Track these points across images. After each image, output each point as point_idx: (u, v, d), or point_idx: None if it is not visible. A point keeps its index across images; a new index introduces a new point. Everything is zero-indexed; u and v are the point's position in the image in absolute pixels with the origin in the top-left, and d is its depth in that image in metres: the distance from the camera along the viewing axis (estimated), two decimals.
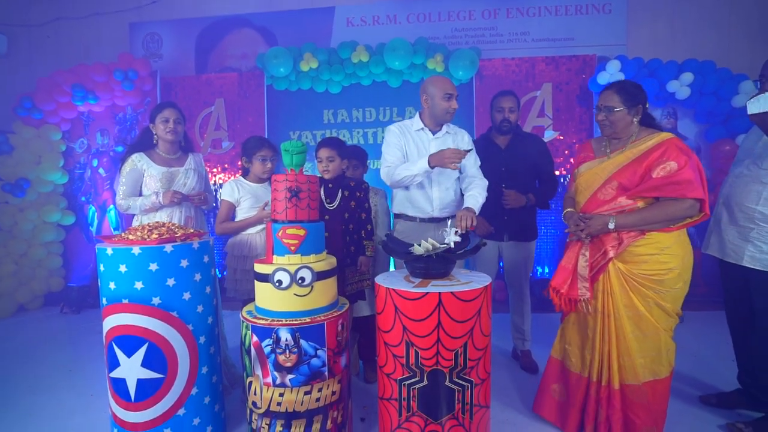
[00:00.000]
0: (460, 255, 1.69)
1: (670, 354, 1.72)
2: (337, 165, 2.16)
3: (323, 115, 4.12)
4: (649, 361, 1.68)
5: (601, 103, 1.74)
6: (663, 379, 1.70)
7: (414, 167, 2.01)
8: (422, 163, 1.99)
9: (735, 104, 3.39)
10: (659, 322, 1.67)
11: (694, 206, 1.61)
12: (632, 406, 1.69)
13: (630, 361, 1.68)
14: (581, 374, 1.79)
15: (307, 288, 1.65)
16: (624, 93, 1.69)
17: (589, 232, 1.71)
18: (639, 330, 1.68)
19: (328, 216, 2.11)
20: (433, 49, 3.86)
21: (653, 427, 1.69)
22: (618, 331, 1.69)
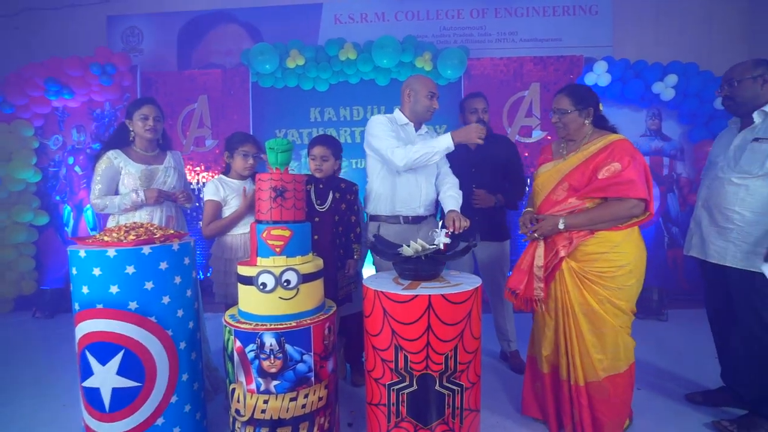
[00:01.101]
0: (451, 256, 1.66)
1: (628, 351, 1.74)
2: (331, 165, 2.11)
3: (310, 113, 4.06)
4: (608, 357, 1.70)
5: (554, 105, 1.81)
6: (623, 372, 1.73)
7: (436, 144, 1.93)
8: (445, 140, 1.93)
9: (717, 106, 3.45)
10: (614, 320, 1.69)
11: (638, 206, 1.65)
12: (596, 403, 1.71)
13: (588, 359, 1.70)
14: (550, 373, 1.82)
15: (293, 291, 1.59)
16: (575, 96, 1.75)
17: (542, 232, 1.74)
18: (595, 327, 1.70)
19: (318, 218, 2.06)
20: (421, 48, 3.83)
21: (616, 420, 1.72)
22: (576, 328, 1.71)
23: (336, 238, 2.09)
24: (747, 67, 1.79)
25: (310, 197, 2.08)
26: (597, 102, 1.79)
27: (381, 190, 2.13)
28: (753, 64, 1.79)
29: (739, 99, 1.81)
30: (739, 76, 1.79)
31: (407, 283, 1.63)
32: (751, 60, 1.81)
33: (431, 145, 1.94)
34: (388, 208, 2.12)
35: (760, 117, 1.79)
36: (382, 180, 2.12)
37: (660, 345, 2.88)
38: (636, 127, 3.76)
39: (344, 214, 2.12)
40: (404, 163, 1.96)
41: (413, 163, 1.96)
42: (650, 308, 3.48)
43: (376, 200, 2.15)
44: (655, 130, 3.76)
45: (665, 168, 3.77)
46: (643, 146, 3.76)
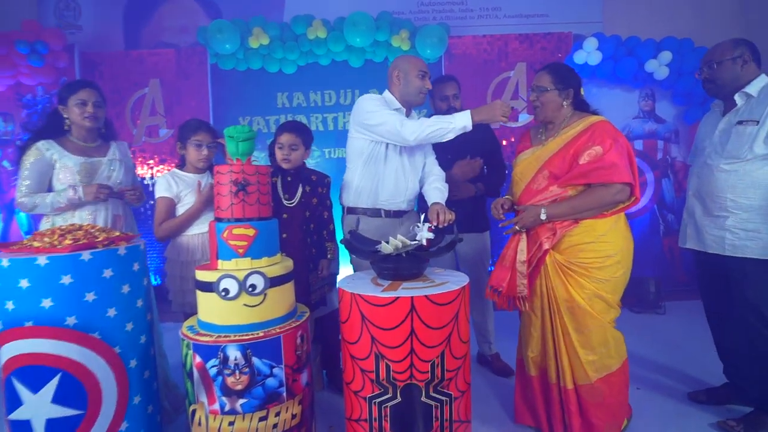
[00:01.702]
0: (434, 252, 1.62)
1: (619, 346, 1.76)
2: (300, 155, 2.04)
3: (277, 99, 3.95)
4: (598, 356, 1.71)
5: (534, 83, 1.82)
6: (616, 371, 1.74)
7: (453, 120, 1.86)
8: (464, 117, 1.85)
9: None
10: (601, 315, 1.70)
11: (624, 191, 1.66)
12: (589, 407, 1.71)
13: (577, 360, 1.70)
14: (538, 376, 1.81)
15: (260, 297, 1.53)
16: (556, 74, 1.77)
17: (523, 224, 1.74)
18: (580, 325, 1.70)
19: (287, 214, 1.99)
20: (397, 25, 3.76)
21: (613, 422, 1.74)
22: (562, 327, 1.72)
23: (307, 236, 2.03)
24: (726, 48, 1.83)
25: (277, 191, 2.00)
26: (579, 84, 1.80)
27: (363, 181, 2.07)
28: (732, 45, 1.83)
29: (719, 81, 1.86)
30: (719, 57, 1.84)
31: (387, 283, 1.59)
32: (729, 40, 1.85)
33: (447, 121, 1.88)
34: (370, 201, 2.08)
35: (742, 99, 1.83)
36: (365, 170, 2.06)
37: (659, 340, 2.92)
38: (628, 108, 3.81)
39: (316, 209, 2.06)
40: (415, 137, 1.89)
41: (425, 138, 1.91)
42: (647, 301, 3.55)
43: (356, 192, 2.09)
44: (649, 112, 3.81)
45: (659, 152, 3.83)
46: (636, 129, 3.81)
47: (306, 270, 2.01)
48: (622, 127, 3.80)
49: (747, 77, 1.82)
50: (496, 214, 1.86)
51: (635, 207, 3.82)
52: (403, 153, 2.08)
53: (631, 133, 3.81)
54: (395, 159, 2.06)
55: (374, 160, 2.05)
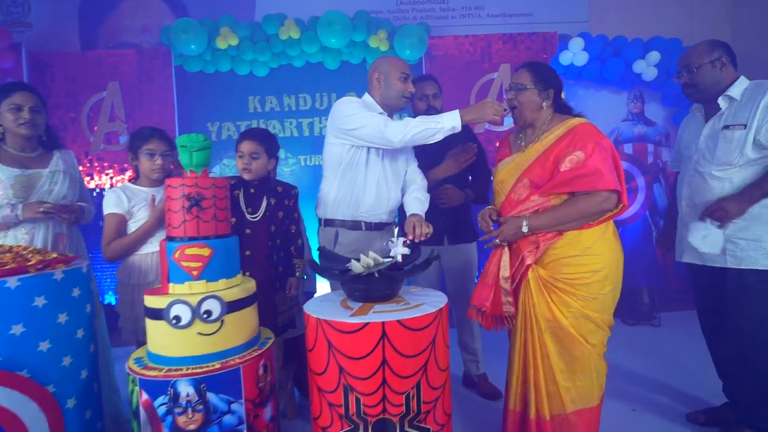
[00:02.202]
0: (409, 272, 1.55)
1: (600, 377, 1.68)
2: (262, 164, 1.96)
3: (248, 103, 3.87)
4: (579, 385, 1.63)
5: (512, 80, 1.78)
6: (594, 407, 1.67)
7: (441, 120, 1.79)
8: (452, 118, 1.78)
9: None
10: (588, 338, 1.63)
11: (610, 199, 1.60)
12: None
13: (554, 386, 1.63)
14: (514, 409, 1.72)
15: (216, 324, 1.43)
16: (536, 72, 1.72)
17: (504, 237, 1.68)
18: (564, 348, 1.63)
19: (250, 230, 1.91)
20: (375, 25, 3.72)
21: None
22: (542, 350, 1.64)
23: (273, 253, 1.95)
24: (703, 51, 1.84)
25: (240, 205, 1.91)
26: (560, 86, 1.76)
27: (342, 191, 2.00)
28: (709, 48, 1.84)
29: (701, 86, 1.87)
30: (697, 61, 1.85)
31: (357, 306, 1.51)
32: (705, 42, 1.87)
33: (435, 121, 1.81)
34: (350, 212, 2.00)
35: (725, 102, 1.84)
36: (343, 179, 1.99)
37: (654, 354, 2.89)
38: (617, 110, 3.81)
39: (282, 223, 1.98)
40: (400, 138, 1.82)
41: (411, 140, 1.84)
42: (641, 312, 3.53)
43: (334, 203, 2.02)
44: (638, 114, 3.82)
45: (650, 155, 3.84)
46: (625, 132, 3.81)
47: (272, 290, 1.92)
48: (610, 131, 3.80)
49: (727, 80, 1.83)
50: (485, 225, 1.78)
51: (626, 214, 3.86)
52: (385, 159, 2.02)
53: (621, 136, 3.81)
54: (377, 166, 2.00)
55: (354, 168, 1.98)
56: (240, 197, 1.92)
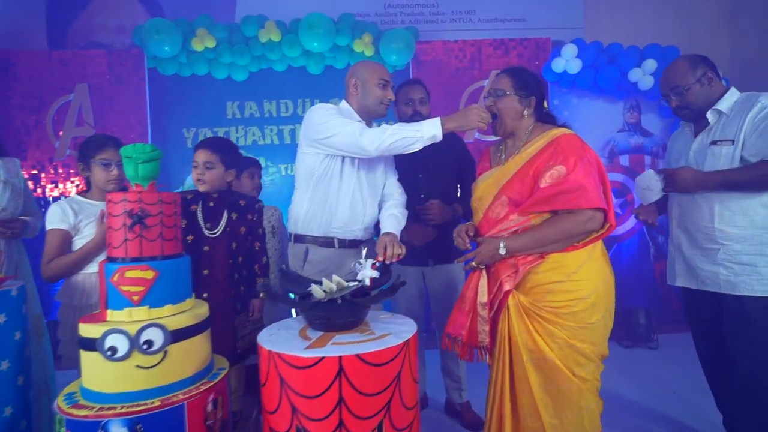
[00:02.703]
0: (374, 298, 1.45)
1: (592, 416, 1.55)
2: (218, 175, 1.87)
3: (226, 108, 3.79)
4: (568, 423, 1.52)
5: (491, 86, 1.70)
6: None
7: (420, 128, 1.71)
8: (432, 126, 1.71)
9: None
10: (575, 371, 1.52)
11: (595, 218, 1.51)
12: None
13: (538, 423, 1.51)
14: None
15: (157, 355, 1.33)
16: (517, 78, 1.66)
17: (481, 260, 1.59)
18: (549, 382, 1.52)
19: (209, 246, 1.81)
20: (360, 28, 3.66)
21: None
22: (521, 384, 1.53)
23: (234, 272, 1.85)
24: (686, 70, 1.81)
25: (197, 220, 1.81)
26: (543, 94, 1.68)
27: (314, 205, 1.92)
28: (691, 67, 1.82)
29: (694, 106, 1.83)
30: (685, 82, 1.82)
31: (317, 336, 1.41)
32: (685, 61, 1.84)
33: (413, 129, 1.73)
34: (322, 228, 1.92)
35: (714, 116, 1.80)
36: (316, 191, 1.91)
37: (652, 380, 2.81)
38: (613, 120, 3.75)
39: (244, 239, 1.89)
40: (376, 146, 1.74)
41: (388, 149, 1.76)
42: (638, 334, 3.44)
43: (306, 218, 1.93)
44: (634, 124, 3.76)
45: (647, 167, 3.76)
46: (621, 143, 3.75)
47: (232, 312, 1.82)
48: (606, 141, 3.74)
49: (716, 94, 1.80)
50: (461, 243, 1.70)
51: (622, 230, 3.79)
52: (361, 170, 1.94)
53: (616, 147, 3.75)
54: (352, 178, 1.92)
55: (327, 180, 1.91)
56: (198, 212, 1.82)
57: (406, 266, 2.31)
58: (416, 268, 2.32)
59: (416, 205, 2.19)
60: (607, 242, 3.73)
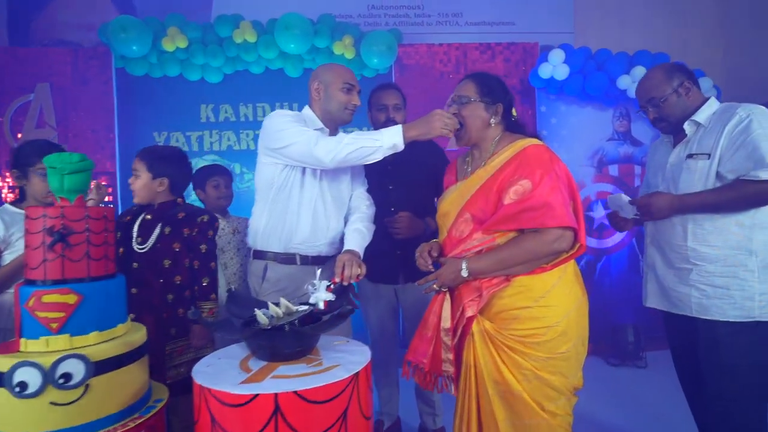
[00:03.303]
0: (322, 326, 1.33)
1: None
2: (144, 184, 1.76)
3: (200, 111, 3.68)
4: None
5: (455, 92, 1.62)
6: None
7: (380, 137, 1.62)
8: (393, 134, 1.61)
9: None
10: (544, 405, 1.41)
11: (564, 238, 1.41)
12: None
13: None
14: None
15: (77, 390, 1.21)
16: (482, 84, 1.57)
17: (442, 282, 1.49)
18: (516, 416, 1.41)
19: (138, 263, 1.69)
20: (341, 30, 3.56)
21: None
22: (486, 418, 1.43)
23: (168, 293, 1.72)
24: (662, 80, 1.72)
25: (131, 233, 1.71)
26: (510, 101, 1.59)
27: (273, 219, 1.82)
28: (667, 77, 1.72)
29: (672, 119, 1.75)
30: (661, 93, 1.73)
31: (259, 367, 1.29)
32: (661, 71, 1.75)
33: (372, 138, 1.63)
34: (282, 243, 1.82)
35: (692, 127, 1.71)
36: (275, 205, 1.82)
37: (640, 402, 2.73)
38: (602, 129, 3.67)
39: (180, 257, 1.75)
40: (332, 157, 1.64)
41: (345, 160, 1.65)
42: (626, 352, 3.35)
43: (265, 232, 1.83)
44: (624, 133, 3.68)
45: (636, 178, 3.69)
46: (610, 152, 3.67)
47: (162, 337, 1.69)
48: (595, 150, 3.65)
49: (695, 104, 1.71)
50: (422, 263, 1.61)
51: (611, 242, 3.70)
52: (323, 181, 1.84)
53: (605, 156, 3.66)
54: (313, 189, 1.82)
55: (287, 192, 1.81)
56: (135, 225, 1.71)
57: (378, 284, 2.21)
58: (388, 286, 2.21)
59: (387, 217, 2.09)
60: (596, 255, 3.64)
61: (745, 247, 1.57)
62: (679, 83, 1.70)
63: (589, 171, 3.64)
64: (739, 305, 1.56)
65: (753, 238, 1.56)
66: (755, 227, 1.57)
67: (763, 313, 1.54)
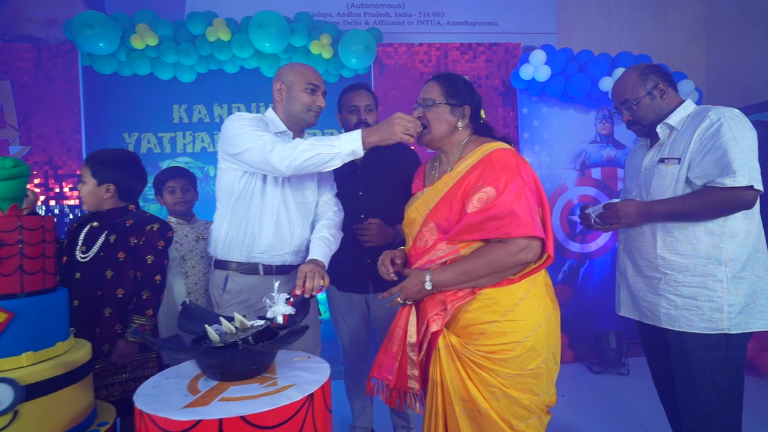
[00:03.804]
0: (272, 344, 1.25)
1: None
2: (90, 191, 1.68)
3: (172, 112, 3.59)
4: None
5: (420, 96, 1.56)
6: None
7: (338, 143, 1.54)
8: (353, 139, 1.53)
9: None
10: (514, 424, 1.35)
11: (530, 248, 1.33)
12: None
13: None
14: None
15: (4, 418, 1.12)
16: (447, 85, 1.50)
17: (406, 296, 1.43)
18: None
19: (80, 273, 1.60)
20: (318, 29, 3.49)
21: None
22: None
23: (105, 306, 1.62)
24: (636, 82, 1.67)
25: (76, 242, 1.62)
26: (478, 102, 1.53)
27: (234, 227, 1.74)
28: (641, 78, 1.67)
29: (646, 122, 1.70)
30: (634, 95, 1.68)
31: (207, 389, 1.21)
32: (635, 72, 1.69)
33: (330, 144, 1.55)
34: (244, 253, 1.74)
35: (665, 131, 1.66)
36: (235, 212, 1.75)
37: (622, 411, 2.69)
38: (584, 131, 3.64)
39: (124, 268, 1.65)
40: (287, 164, 1.56)
41: (301, 167, 1.57)
42: (608, 359, 3.31)
43: (226, 241, 1.76)
44: (607, 136, 3.65)
45: (620, 181, 3.66)
46: (593, 155, 3.64)
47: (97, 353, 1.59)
48: (577, 153, 3.62)
49: (670, 107, 1.65)
50: (384, 272, 1.54)
51: (593, 247, 3.66)
52: (287, 188, 1.76)
53: (588, 159, 3.63)
54: (275, 196, 1.75)
55: (248, 199, 1.74)
56: (82, 233, 1.62)
57: (348, 293, 2.14)
58: (359, 295, 2.14)
59: (355, 223, 2.02)
60: (579, 260, 3.61)
61: (714, 257, 1.51)
62: (654, 85, 1.64)
63: (571, 174, 3.60)
64: (707, 317, 1.50)
65: (722, 247, 1.51)
66: (725, 236, 1.51)
67: (731, 325, 1.49)
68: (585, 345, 3.47)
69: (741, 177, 1.42)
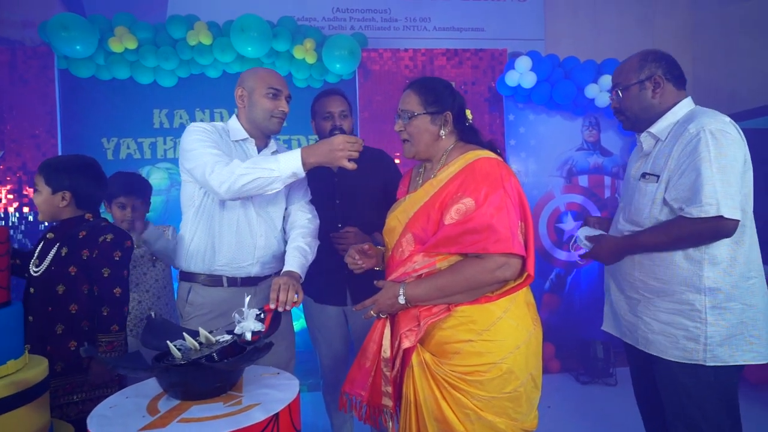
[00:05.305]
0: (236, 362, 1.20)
1: None
2: (44, 200, 1.60)
3: (153, 116, 3.54)
4: None
5: (399, 107, 1.48)
6: None
7: (276, 165, 1.49)
8: (291, 159, 1.48)
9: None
10: None
11: (508, 266, 1.27)
12: None
13: None
14: None
15: None
16: (425, 93, 1.44)
17: (379, 309, 1.38)
18: None
19: (34, 288, 1.54)
20: (301, 33, 3.46)
21: None
22: None
23: (57, 323, 1.54)
24: (631, 67, 1.53)
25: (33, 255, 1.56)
26: (460, 104, 1.46)
27: (197, 238, 1.71)
28: (639, 63, 1.52)
29: (629, 113, 1.56)
30: (624, 80, 1.54)
31: (167, 409, 1.16)
32: (638, 57, 1.54)
33: (269, 167, 1.50)
34: (206, 264, 1.70)
35: (649, 141, 1.53)
36: (197, 223, 1.71)
37: (610, 422, 2.67)
38: (571, 138, 3.62)
39: (77, 282, 1.56)
40: (226, 188, 1.51)
41: (240, 191, 1.52)
42: (595, 369, 3.29)
43: (190, 253, 1.72)
44: (594, 143, 3.64)
45: (607, 189, 3.65)
46: (580, 162, 3.63)
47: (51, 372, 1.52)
48: (564, 161, 3.60)
49: (663, 105, 1.49)
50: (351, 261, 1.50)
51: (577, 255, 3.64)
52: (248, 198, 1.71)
53: (575, 167, 3.62)
54: (235, 208, 1.71)
55: (208, 210, 1.71)
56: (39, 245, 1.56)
57: (325, 305, 2.09)
58: (337, 308, 2.09)
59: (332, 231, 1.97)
60: (566, 268, 3.58)
61: (693, 284, 1.40)
62: (649, 75, 1.48)
63: (558, 182, 3.59)
64: (682, 346, 1.41)
65: (702, 275, 1.39)
66: (705, 262, 1.39)
67: (708, 357, 1.37)
68: (572, 355, 3.44)
69: (708, 207, 1.30)
